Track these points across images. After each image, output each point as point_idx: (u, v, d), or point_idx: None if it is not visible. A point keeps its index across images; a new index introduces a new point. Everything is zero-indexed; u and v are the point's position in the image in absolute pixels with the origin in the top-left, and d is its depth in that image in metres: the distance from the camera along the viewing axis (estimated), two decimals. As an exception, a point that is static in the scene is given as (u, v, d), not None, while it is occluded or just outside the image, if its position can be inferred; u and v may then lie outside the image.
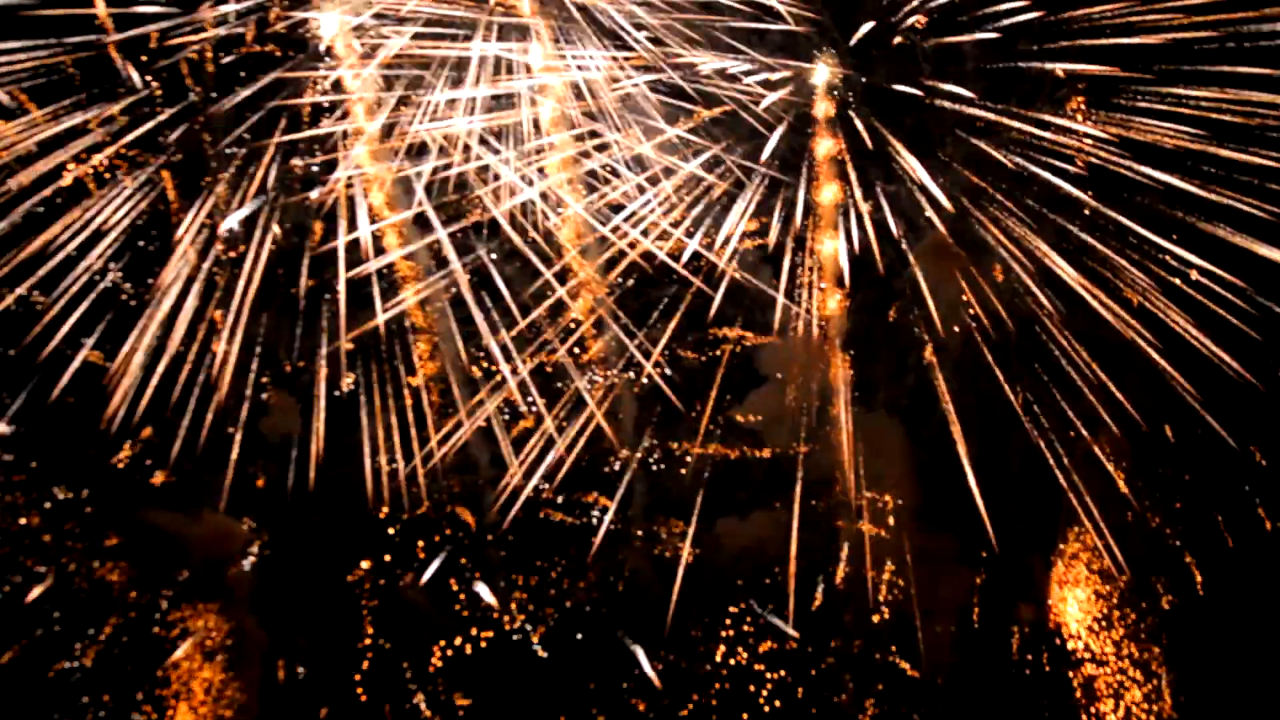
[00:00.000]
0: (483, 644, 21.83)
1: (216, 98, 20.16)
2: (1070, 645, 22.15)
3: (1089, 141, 20.10)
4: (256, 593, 21.46)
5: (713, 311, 20.56)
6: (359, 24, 19.41)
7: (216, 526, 21.03)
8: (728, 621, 21.83)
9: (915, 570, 21.57)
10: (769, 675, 21.78)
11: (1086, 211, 20.39)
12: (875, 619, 21.73)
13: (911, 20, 20.11)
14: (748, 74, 19.82)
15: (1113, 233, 20.34)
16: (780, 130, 20.13)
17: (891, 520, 21.53)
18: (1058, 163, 20.27)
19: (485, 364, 20.90)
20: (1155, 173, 19.74)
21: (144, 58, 19.88)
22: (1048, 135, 20.19)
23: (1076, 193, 20.19)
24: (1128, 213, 20.19)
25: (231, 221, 20.30)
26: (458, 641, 21.79)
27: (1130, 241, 20.26)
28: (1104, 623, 22.06)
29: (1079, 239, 20.39)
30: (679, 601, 21.14)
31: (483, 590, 21.77)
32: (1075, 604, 22.14)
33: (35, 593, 20.37)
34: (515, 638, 21.88)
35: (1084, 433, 21.00)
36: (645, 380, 21.31)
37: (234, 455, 20.68)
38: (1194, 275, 19.76)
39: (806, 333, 20.77)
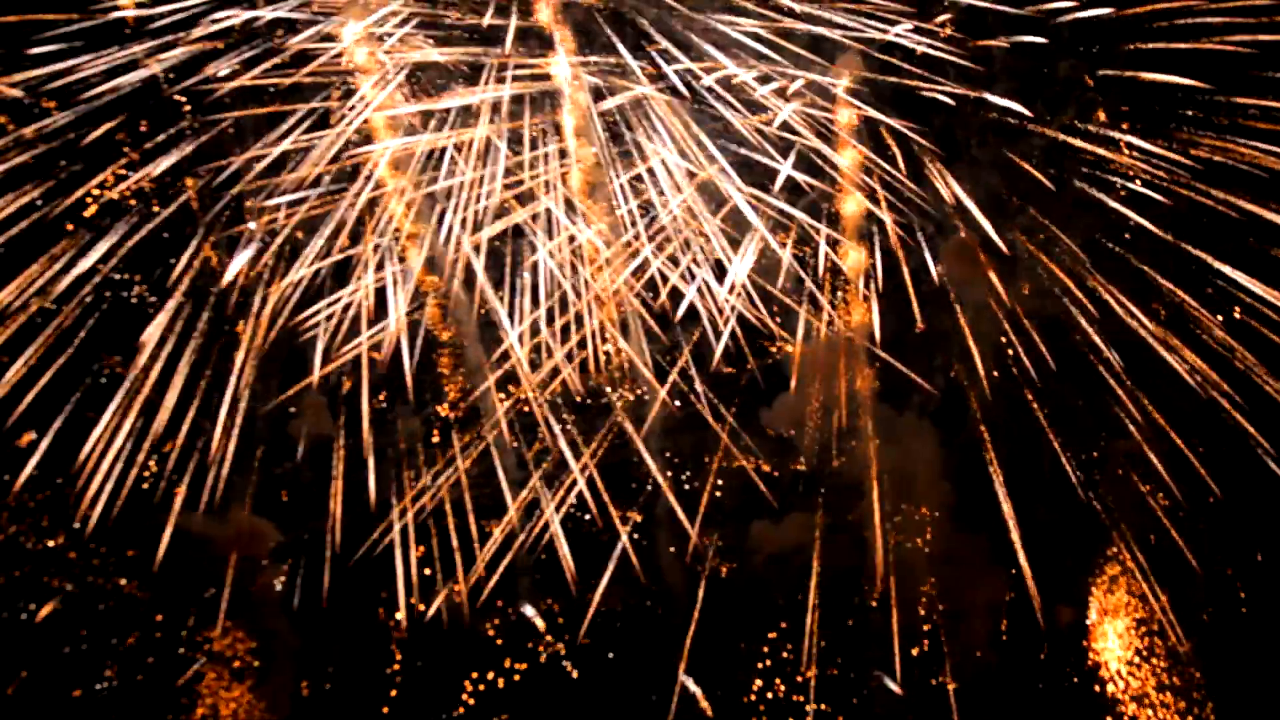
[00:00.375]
0: (518, 667, 21.56)
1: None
2: (1102, 648, 21.65)
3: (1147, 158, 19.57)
4: (285, 612, 21.26)
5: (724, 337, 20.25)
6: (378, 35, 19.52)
7: (244, 528, 20.80)
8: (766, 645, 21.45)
9: (948, 573, 21.21)
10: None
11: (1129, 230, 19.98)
12: (909, 623, 21.35)
13: (943, 19, 19.80)
14: (765, 80, 19.72)
15: (1167, 256, 19.92)
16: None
17: (923, 524, 21.09)
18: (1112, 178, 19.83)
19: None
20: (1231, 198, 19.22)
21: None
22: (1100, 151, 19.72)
23: (1132, 215, 19.65)
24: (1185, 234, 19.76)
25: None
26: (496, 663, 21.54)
27: (1192, 269, 19.84)
28: (1139, 628, 21.57)
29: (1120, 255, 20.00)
30: (718, 619, 20.82)
31: (529, 611, 21.46)
32: (1110, 611, 21.66)
33: (45, 612, 20.32)
34: (549, 659, 21.58)
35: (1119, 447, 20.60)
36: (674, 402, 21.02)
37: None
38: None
39: (834, 340, 20.47)
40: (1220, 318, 20.03)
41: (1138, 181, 19.86)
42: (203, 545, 20.61)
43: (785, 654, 21.63)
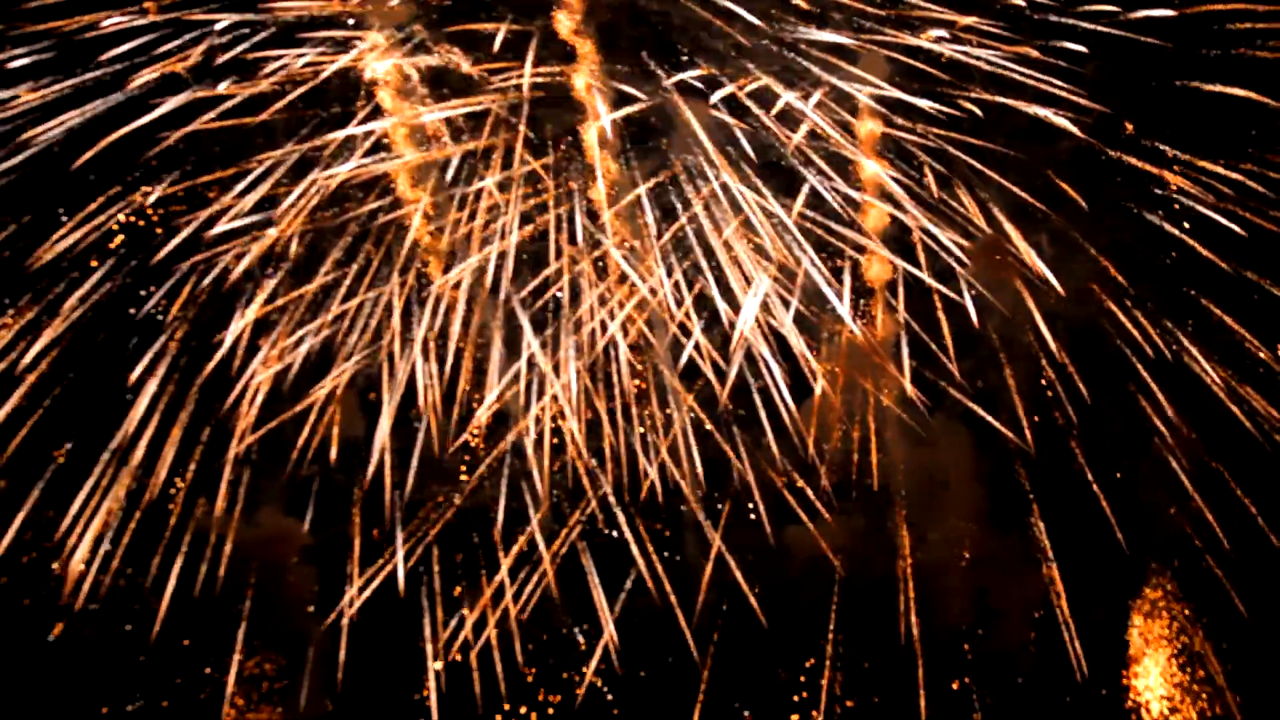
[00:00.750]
0: (552, 699, 21.24)
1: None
2: (1138, 652, 21.00)
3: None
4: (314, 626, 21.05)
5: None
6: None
7: (272, 528, 20.59)
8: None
9: (984, 574, 20.76)
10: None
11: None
12: (946, 623, 20.90)
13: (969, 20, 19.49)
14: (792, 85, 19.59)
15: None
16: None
17: (959, 525, 20.56)
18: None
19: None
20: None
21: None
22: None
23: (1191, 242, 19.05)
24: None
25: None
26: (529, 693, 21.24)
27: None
28: (1179, 661, 20.88)
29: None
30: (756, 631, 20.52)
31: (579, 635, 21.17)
32: (1150, 641, 21.02)
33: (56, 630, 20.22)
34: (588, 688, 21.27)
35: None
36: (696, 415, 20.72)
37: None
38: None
39: (861, 347, 20.13)
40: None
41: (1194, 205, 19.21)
42: (231, 549, 20.39)
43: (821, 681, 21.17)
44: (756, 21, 19.17)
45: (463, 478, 20.79)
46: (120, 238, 20.31)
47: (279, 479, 20.20)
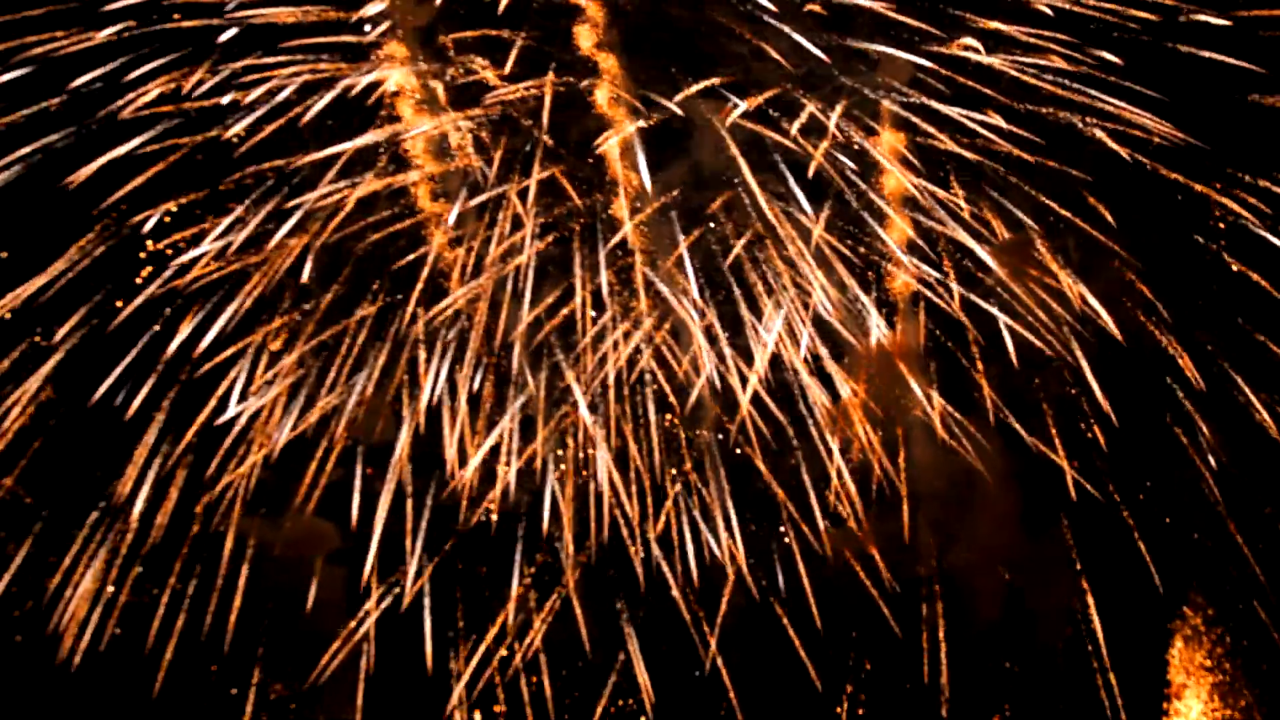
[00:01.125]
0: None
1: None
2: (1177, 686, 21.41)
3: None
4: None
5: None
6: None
7: (302, 529, 20.10)
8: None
9: (1020, 576, 20.80)
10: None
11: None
12: (984, 627, 21.03)
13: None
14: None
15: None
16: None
17: (993, 528, 20.74)
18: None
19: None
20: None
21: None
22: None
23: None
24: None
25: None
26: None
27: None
28: (1218, 660, 21.21)
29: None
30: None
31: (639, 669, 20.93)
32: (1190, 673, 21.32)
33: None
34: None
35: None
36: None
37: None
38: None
39: (887, 347, 20.13)
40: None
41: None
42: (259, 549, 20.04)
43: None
44: (791, 33, 18.91)
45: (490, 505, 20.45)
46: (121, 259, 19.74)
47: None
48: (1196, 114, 18.42)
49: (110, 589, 19.64)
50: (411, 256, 19.75)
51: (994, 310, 19.65)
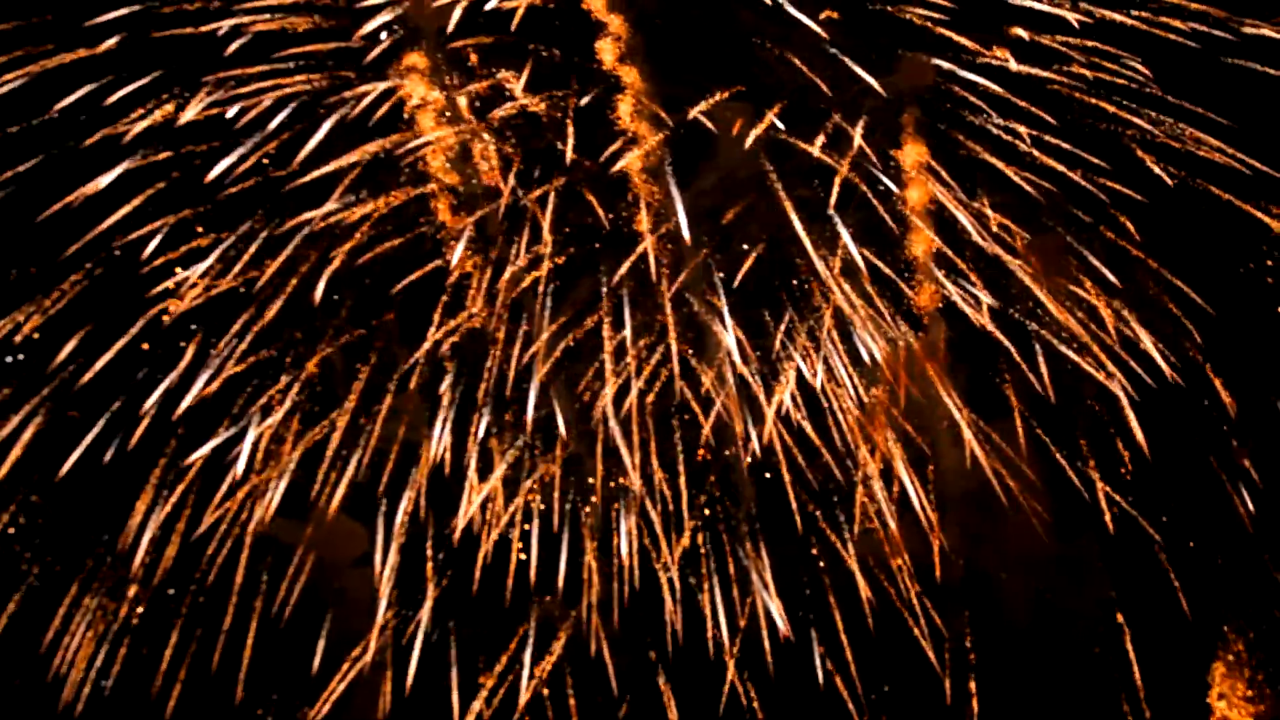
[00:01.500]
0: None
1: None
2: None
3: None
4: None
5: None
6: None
7: (329, 528, 19.32)
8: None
9: (1055, 577, 20.65)
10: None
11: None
12: (1017, 627, 20.84)
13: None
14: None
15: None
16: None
17: (1023, 528, 20.65)
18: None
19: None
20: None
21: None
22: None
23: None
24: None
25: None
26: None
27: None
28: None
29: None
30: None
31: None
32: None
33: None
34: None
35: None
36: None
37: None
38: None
39: (912, 349, 19.92)
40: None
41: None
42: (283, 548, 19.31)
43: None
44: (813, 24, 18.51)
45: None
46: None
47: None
48: (1253, 133, 18.22)
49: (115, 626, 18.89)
50: (429, 268, 19.10)
51: (1024, 322, 19.55)
